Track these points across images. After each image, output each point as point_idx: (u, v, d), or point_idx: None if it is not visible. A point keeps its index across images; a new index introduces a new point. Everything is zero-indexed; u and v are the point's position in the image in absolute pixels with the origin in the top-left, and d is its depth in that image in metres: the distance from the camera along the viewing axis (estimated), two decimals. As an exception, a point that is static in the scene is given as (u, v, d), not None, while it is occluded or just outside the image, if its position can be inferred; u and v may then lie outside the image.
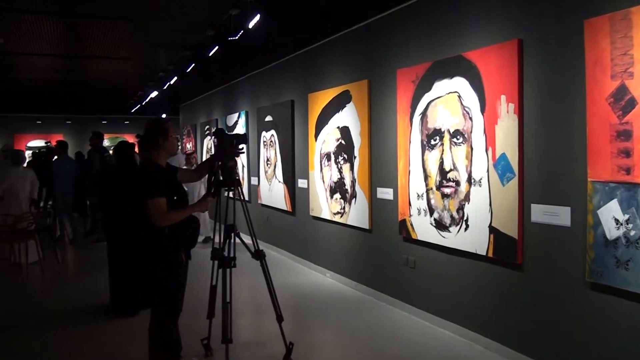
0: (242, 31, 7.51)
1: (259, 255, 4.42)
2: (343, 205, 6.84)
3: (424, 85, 5.25)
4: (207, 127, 13.44)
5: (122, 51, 11.72)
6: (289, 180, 8.47)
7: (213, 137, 4.35)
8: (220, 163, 4.24)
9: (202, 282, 5.06)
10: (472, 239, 4.71)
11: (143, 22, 9.10)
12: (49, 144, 17.88)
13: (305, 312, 5.91)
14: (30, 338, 5.33)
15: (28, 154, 15.78)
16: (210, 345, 4.64)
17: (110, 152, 10.60)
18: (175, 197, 3.84)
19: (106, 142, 11.57)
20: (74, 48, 11.67)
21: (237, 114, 10.95)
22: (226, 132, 4.47)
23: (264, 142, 9.50)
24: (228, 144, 4.31)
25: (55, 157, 11.05)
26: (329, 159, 7.17)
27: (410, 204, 5.51)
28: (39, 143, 19.37)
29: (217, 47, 8.65)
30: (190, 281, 4.09)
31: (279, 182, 8.88)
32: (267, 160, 9.42)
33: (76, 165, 10.78)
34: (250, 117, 10.31)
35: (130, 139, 14.71)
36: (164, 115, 18.44)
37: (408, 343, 4.92)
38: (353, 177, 6.60)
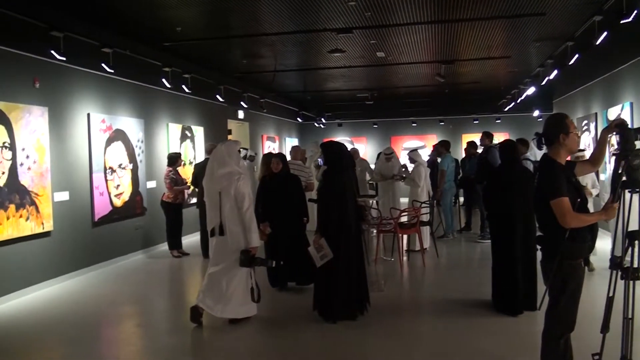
0: (635, 11, 7.37)
1: None
2: None
3: None
4: (585, 122, 13.36)
5: (498, 50, 12.57)
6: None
7: (616, 131, 4.28)
8: (624, 162, 3.96)
9: (593, 291, 5.10)
10: None
11: (520, 18, 9.67)
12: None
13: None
14: (410, 321, 6.34)
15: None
16: None
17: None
18: (578, 199, 3.88)
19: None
20: (451, 53, 13.00)
21: (619, 106, 10.71)
22: (630, 126, 4.39)
23: (653, 135, 9.10)
24: (632, 140, 4.01)
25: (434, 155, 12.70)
26: None
27: None
28: (413, 144, 21.70)
29: (605, 34, 8.55)
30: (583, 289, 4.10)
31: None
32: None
33: (457, 163, 12.41)
34: (636, 109, 10.00)
35: (502, 137, 15.54)
36: (536, 112, 18.75)
37: None
38: None
